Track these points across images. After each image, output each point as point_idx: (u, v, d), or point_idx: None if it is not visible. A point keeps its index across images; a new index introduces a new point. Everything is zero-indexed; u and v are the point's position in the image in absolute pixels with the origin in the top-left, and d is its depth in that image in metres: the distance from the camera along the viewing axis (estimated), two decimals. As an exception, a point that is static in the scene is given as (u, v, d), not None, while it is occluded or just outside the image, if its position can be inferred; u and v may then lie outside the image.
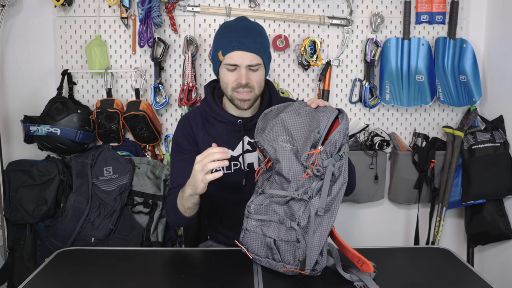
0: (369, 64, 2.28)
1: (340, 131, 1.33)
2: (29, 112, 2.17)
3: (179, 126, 1.76)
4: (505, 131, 2.22)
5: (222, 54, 1.62)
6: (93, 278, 1.42)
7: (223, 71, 1.64)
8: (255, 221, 1.43)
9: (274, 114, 1.49)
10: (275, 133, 1.42)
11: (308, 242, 1.32)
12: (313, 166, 1.31)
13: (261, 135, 1.47)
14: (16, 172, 2.15)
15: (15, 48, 2.27)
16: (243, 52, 1.59)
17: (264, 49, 1.64)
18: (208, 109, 1.73)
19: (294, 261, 1.35)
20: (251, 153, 1.73)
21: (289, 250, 1.35)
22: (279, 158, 1.38)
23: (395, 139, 2.34)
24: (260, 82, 1.65)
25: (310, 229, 1.31)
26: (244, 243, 1.44)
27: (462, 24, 2.33)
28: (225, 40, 1.62)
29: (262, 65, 1.65)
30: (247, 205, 1.46)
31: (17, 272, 2.16)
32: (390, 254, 1.64)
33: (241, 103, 1.65)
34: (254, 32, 1.63)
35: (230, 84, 1.63)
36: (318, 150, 1.31)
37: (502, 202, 2.23)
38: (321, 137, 1.33)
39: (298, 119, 1.41)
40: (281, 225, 1.37)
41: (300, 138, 1.39)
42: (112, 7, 2.23)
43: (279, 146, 1.39)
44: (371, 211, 2.45)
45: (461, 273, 1.47)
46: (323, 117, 1.35)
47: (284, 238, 1.35)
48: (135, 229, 2.09)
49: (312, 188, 1.33)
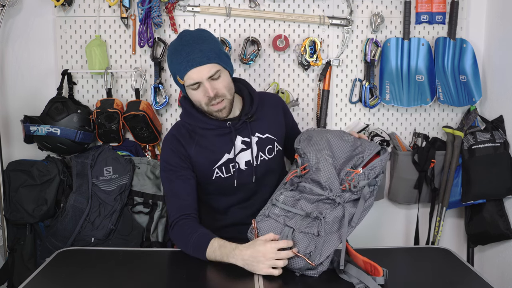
0: (369, 64, 2.28)
1: (382, 160, 1.52)
2: (29, 112, 2.17)
3: (167, 144, 1.74)
4: (505, 131, 2.22)
5: (180, 78, 1.63)
6: (93, 278, 1.42)
7: (190, 92, 1.66)
8: (279, 210, 1.51)
9: (319, 132, 1.64)
10: (321, 146, 1.57)
11: (326, 238, 1.40)
12: (351, 182, 1.47)
13: (306, 144, 1.60)
14: (16, 172, 2.15)
15: (15, 48, 2.26)
16: (197, 68, 1.59)
17: (216, 53, 1.62)
18: (192, 121, 1.73)
19: (304, 252, 1.41)
20: (246, 151, 1.73)
21: (304, 241, 1.42)
22: (321, 167, 1.52)
23: (395, 139, 2.34)
24: (227, 86, 1.65)
25: (334, 228, 1.43)
26: (258, 227, 1.50)
27: (462, 24, 2.33)
28: (176, 64, 1.63)
29: (222, 69, 1.64)
30: (276, 194, 1.55)
31: (17, 272, 2.15)
32: (390, 254, 1.64)
33: (219, 113, 1.67)
34: (198, 43, 1.60)
35: (202, 101, 1.65)
36: (358, 171, 1.49)
37: (502, 202, 2.23)
38: (363, 162, 1.51)
39: (342, 143, 1.59)
40: (305, 219, 1.46)
41: (341, 158, 1.55)
42: (112, 7, 2.23)
43: (323, 157, 1.54)
44: (371, 211, 2.42)
45: (461, 273, 1.47)
46: (369, 147, 1.55)
47: (304, 230, 1.44)
48: (135, 229, 2.09)
49: (346, 197, 1.47)
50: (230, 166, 1.72)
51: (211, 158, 1.71)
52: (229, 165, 1.72)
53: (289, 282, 1.39)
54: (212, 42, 1.64)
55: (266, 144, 1.77)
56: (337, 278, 1.41)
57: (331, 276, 1.42)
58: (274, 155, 1.79)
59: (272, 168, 1.77)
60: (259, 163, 1.75)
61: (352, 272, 1.38)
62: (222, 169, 1.72)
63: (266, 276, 1.41)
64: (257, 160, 1.74)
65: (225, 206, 1.79)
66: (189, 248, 1.55)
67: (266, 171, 1.76)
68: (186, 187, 1.68)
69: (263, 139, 1.76)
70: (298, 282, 1.39)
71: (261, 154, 1.75)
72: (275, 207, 1.51)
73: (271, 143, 1.78)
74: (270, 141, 1.78)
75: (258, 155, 1.75)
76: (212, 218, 1.80)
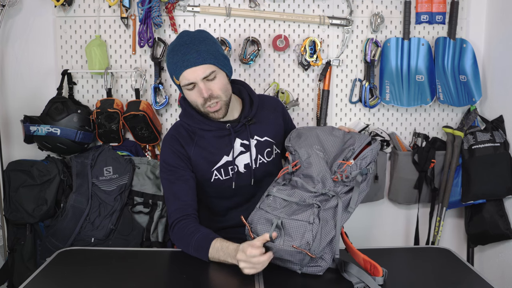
0: (369, 64, 2.28)
1: (373, 149, 1.52)
2: (29, 112, 2.17)
3: (167, 145, 1.73)
4: (505, 131, 2.22)
5: (176, 78, 1.64)
6: (93, 279, 1.42)
7: (185, 92, 1.67)
8: (271, 201, 1.48)
9: (308, 129, 1.64)
10: (311, 142, 1.58)
11: (322, 227, 1.38)
12: (343, 173, 1.47)
13: (296, 141, 1.60)
14: (16, 172, 2.15)
15: (15, 48, 2.26)
16: (192, 69, 1.59)
17: (212, 54, 1.61)
18: (192, 122, 1.73)
19: (301, 242, 1.36)
20: (245, 154, 1.73)
21: (299, 230, 1.38)
22: (312, 161, 1.52)
23: (395, 139, 2.34)
24: (223, 88, 1.64)
25: (329, 215, 1.41)
26: (249, 222, 1.47)
27: (462, 24, 2.33)
28: (172, 64, 1.63)
29: (218, 70, 1.63)
30: (269, 188, 1.53)
31: (17, 272, 2.15)
32: (390, 254, 1.64)
33: (215, 115, 1.66)
34: (194, 44, 1.60)
35: (198, 102, 1.65)
36: (349, 162, 1.49)
37: (502, 202, 2.23)
38: (354, 153, 1.51)
39: (332, 138, 1.59)
40: (298, 207, 1.44)
41: (332, 153, 1.56)
42: (112, 7, 2.23)
43: (314, 152, 1.54)
44: (371, 211, 2.45)
45: (461, 273, 1.47)
46: (359, 139, 1.55)
47: (296, 218, 1.39)
48: (135, 229, 2.09)
49: (339, 191, 1.46)
50: (229, 169, 1.72)
51: (210, 160, 1.71)
52: (228, 167, 1.72)
53: (290, 281, 1.39)
54: (210, 43, 1.64)
55: (265, 147, 1.77)
56: (337, 277, 1.41)
57: (331, 275, 1.42)
58: (273, 158, 1.78)
59: (270, 171, 1.76)
60: (258, 166, 1.75)
61: (353, 271, 1.38)
62: (221, 171, 1.72)
63: (266, 275, 1.41)
64: (256, 163, 1.74)
65: (224, 208, 1.79)
66: (191, 249, 1.55)
67: (264, 174, 1.76)
68: (186, 187, 1.68)
69: (262, 142, 1.76)
70: (298, 281, 1.39)
71: (260, 157, 1.75)
72: (268, 198, 1.48)
73: (270, 146, 1.78)
74: (269, 144, 1.78)
75: (257, 158, 1.75)
76: (211, 220, 1.79)
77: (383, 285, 1.34)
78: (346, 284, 1.37)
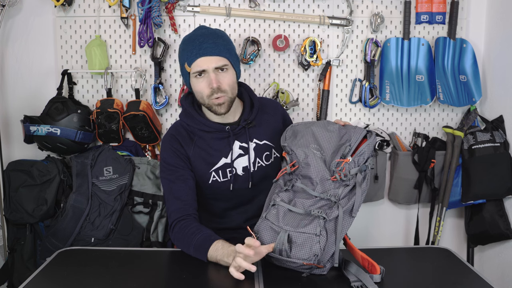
0: (369, 64, 2.28)
1: (370, 144, 1.49)
2: (29, 112, 2.17)
3: (166, 144, 1.73)
4: (505, 131, 2.22)
5: (188, 65, 1.64)
6: (94, 278, 1.42)
7: (194, 81, 1.66)
8: (277, 211, 1.47)
9: (303, 126, 1.61)
10: (307, 141, 1.55)
11: (328, 238, 1.38)
12: (341, 172, 1.45)
13: (292, 141, 1.58)
14: (16, 172, 2.15)
15: (15, 48, 2.26)
16: (207, 57, 1.60)
17: (228, 50, 1.64)
18: (191, 122, 1.73)
19: (309, 255, 1.37)
20: (243, 157, 1.73)
21: (307, 243, 1.38)
22: (310, 162, 1.50)
23: (395, 139, 2.35)
24: (231, 85, 1.65)
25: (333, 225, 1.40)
26: (256, 231, 1.46)
27: (462, 24, 2.33)
28: (187, 51, 1.64)
29: (230, 66, 1.65)
30: (273, 195, 1.52)
31: (17, 272, 2.16)
32: (390, 254, 1.64)
33: (218, 108, 1.65)
34: (213, 36, 1.64)
35: (204, 92, 1.64)
36: (347, 160, 1.47)
37: (502, 202, 2.23)
38: (351, 150, 1.49)
39: (328, 134, 1.56)
40: (304, 218, 1.42)
41: (329, 150, 1.53)
42: (112, 7, 2.23)
43: (311, 152, 1.52)
44: (371, 211, 2.45)
45: (461, 273, 1.47)
46: (355, 133, 1.52)
47: (303, 230, 1.39)
48: (135, 229, 2.09)
49: (339, 194, 1.44)
50: (227, 171, 1.72)
51: (208, 161, 1.71)
52: (226, 170, 1.72)
53: (289, 281, 1.39)
54: (227, 40, 1.68)
55: (263, 151, 1.76)
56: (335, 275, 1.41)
57: (330, 273, 1.42)
58: (271, 161, 1.78)
59: (269, 175, 1.75)
60: (256, 169, 1.74)
61: (352, 270, 1.39)
62: (219, 173, 1.72)
63: (266, 275, 1.41)
64: (254, 166, 1.74)
65: (222, 210, 1.79)
66: (191, 249, 1.55)
67: (263, 177, 1.75)
68: (186, 187, 1.68)
69: (261, 146, 1.76)
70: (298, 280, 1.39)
71: (258, 160, 1.75)
72: (274, 208, 1.49)
73: (269, 150, 1.77)
74: (267, 148, 1.77)
75: (255, 161, 1.74)
76: (210, 221, 1.79)
77: (382, 283, 1.34)
78: (343, 282, 1.37)
